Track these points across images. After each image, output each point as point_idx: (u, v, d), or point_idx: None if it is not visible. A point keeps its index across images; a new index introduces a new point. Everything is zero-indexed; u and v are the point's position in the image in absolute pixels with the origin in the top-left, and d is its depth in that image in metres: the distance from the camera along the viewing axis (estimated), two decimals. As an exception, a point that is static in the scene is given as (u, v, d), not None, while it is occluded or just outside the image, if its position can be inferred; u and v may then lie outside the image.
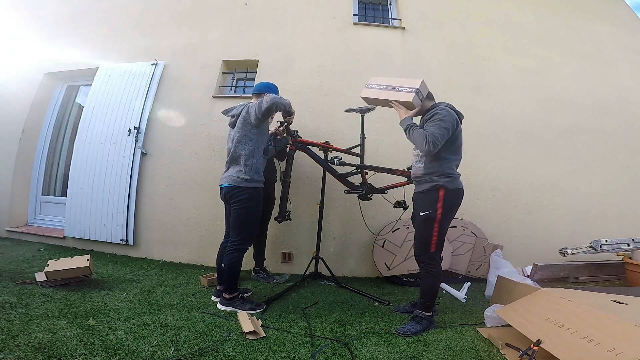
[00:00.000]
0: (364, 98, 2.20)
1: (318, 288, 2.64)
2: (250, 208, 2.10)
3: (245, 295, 2.28)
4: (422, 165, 1.96)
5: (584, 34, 4.10)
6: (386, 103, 2.08)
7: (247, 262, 2.94)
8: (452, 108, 1.96)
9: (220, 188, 2.22)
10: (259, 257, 2.90)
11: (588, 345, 1.28)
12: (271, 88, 2.35)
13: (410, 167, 2.30)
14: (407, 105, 1.98)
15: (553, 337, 1.42)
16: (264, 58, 3.60)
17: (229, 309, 2.08)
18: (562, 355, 1.28)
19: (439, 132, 1.80)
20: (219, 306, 2.11)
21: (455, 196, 1.92)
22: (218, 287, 2.28)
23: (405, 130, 1.94)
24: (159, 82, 3.54)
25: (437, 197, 1.88)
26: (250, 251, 2.89)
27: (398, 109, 2.01)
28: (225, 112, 2.31)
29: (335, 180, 2.60)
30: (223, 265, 2.09)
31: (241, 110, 2.17)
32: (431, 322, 1.93)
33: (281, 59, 3.57)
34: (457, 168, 1.99)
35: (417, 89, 1.95)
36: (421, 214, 1.92)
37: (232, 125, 2.23)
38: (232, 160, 2.17)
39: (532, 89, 3.69)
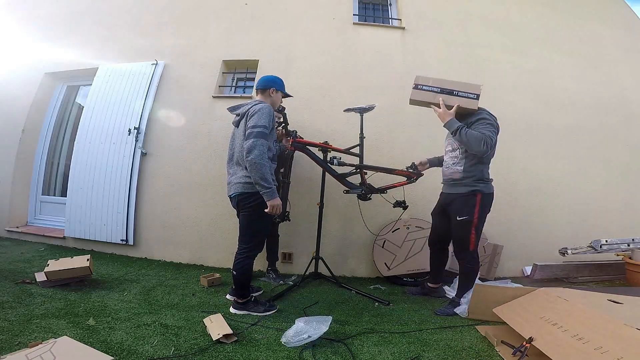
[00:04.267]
0: (413, 100, 2.15)
1: (318, 288, 2.65)
2: (263, 214, 1.95)
3: (256, 294, 2.27)
4: (461, 168, 2.07)
5: (584, 34, 4.10)
6: (428, 104, 2.12)
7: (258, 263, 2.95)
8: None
9: (230, 198, 2.09)
10: (272, 257, 2.92)
11: (577, 343, 1.31)
12: (276, 82, 2.20)
13: (411, 167, 2.32)
14: (470, 111, 2.04)
15: (545, 334, 1.44)
16: (264, 58, 3.59)
17: (242, 312, 2.01)
18: (550, 352, 1.32)
19: (493, 135, 1.94)
20: (233, 310, 2.04)
21: (489, 200, 2.09)
22: (235, 298, 2.13)
23: (455, 131, 1.98)
24: (159, 82, 3.54)
25: (475, 201, 2.03)
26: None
27: (437, 110, 2.06)
28: (231, 110, 2.17)
29: (334, 180, 2.60)
30: (234, 272, 1.99)
31: (247, 110, 2.00)
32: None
33: (281, 59, 3.57)
34: None
35: (479, 94, 2.00)
36: (459, 219, 2.06)
37: (237, 124, 2.09)
38: (237, 164, 2.02)
39: (532, 89, 3.69)
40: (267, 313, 2.04)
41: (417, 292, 2.51)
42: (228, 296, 2.27)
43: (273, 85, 2.17)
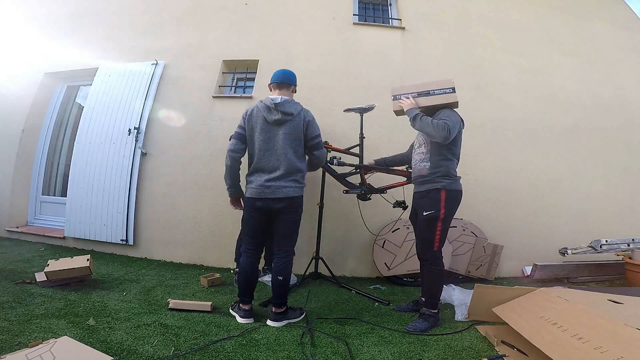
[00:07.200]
0: (396, 111, 2.18)
1: (318, 288, 2.65)
2: (301, 214, 2.05)
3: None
4: (428, 164, 1.99)
5: (584, 34, 4.10)
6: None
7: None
8: None
9: (272, 200, 1.88)
10: (270, 256, 2.90)
11: (577, 342, 1.31)
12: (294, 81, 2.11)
13: (410, 167, 2.31)
14: (451, 105, 2.04)
15: (545, 334, 1.44)
16: (264, 58, 3.59)
17: (284, 322, 1.91)
18: (550, 352, 1.32)
19: (453, 125, 1.89)
20: (273, 324, 1.88)
21: (455, 197, 1.98)
22: (274, 309, 1.93)
23: (414, 118, 1.98)
24: (159, 82, 3.54)
25: (439, 197, 1.93)
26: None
27: (403, 103, 2.09)
28: (274, 104, 1.89)
29: (334, 180, 2.60)
30: (281, 278, 1.90)
31: (300, 114, 1.92)
32: (437, 319, 1.97)
33: (281, 59, 3.56)
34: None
35: (454, 87, 2.01)
36: (424, 214, 1.96)
37: (278, 122, 1.89)
38: (284, 167, 1.88)
39: (532, 89, 3.69)
40: (302, 316, 2.03)
41: (409, 309, 2.20)
42: (269, 322, 1.92)
43: (295, 83, 2.09)
